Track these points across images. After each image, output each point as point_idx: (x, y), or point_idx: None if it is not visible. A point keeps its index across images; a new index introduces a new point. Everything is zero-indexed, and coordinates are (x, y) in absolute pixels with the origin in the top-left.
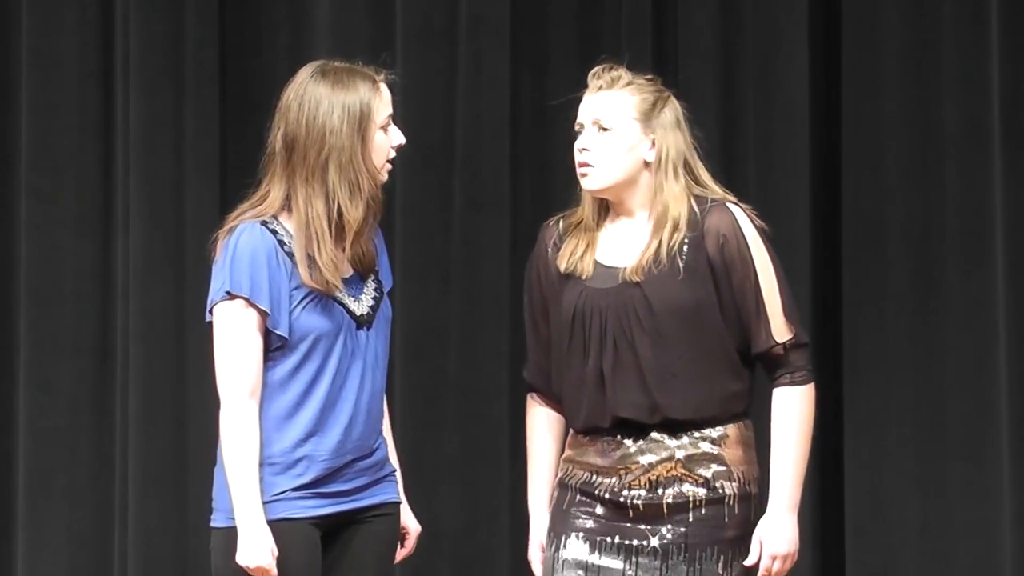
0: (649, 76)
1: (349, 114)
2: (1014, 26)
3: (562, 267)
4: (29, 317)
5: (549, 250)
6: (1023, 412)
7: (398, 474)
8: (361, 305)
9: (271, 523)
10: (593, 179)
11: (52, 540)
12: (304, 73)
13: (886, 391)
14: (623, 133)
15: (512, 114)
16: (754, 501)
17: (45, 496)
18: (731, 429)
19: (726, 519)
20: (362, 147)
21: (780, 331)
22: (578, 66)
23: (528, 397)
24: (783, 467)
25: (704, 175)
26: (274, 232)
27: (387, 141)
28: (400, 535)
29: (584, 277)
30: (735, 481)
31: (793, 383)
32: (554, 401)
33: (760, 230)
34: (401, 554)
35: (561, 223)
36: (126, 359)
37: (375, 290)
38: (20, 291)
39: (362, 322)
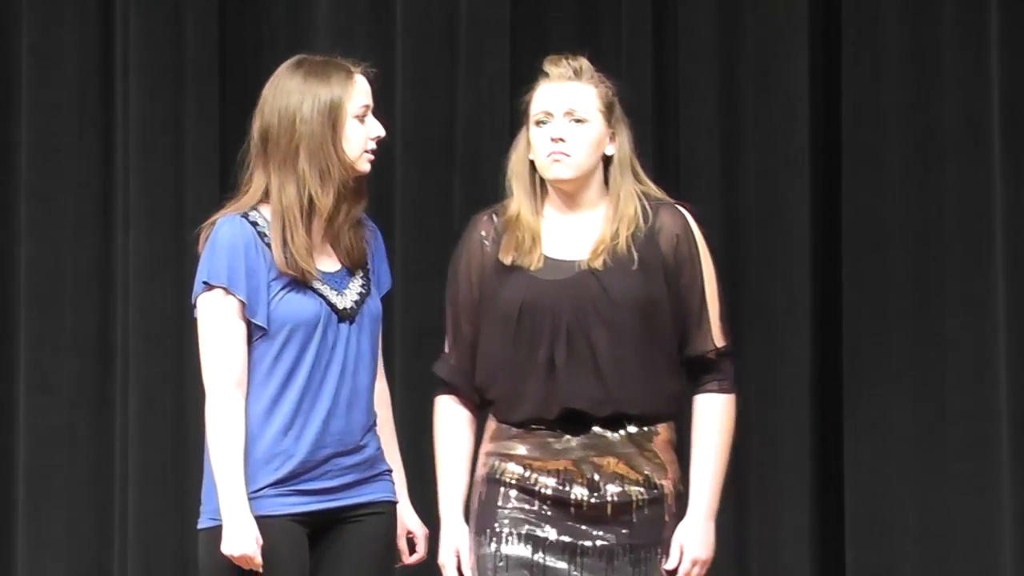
0: (597, 69)
1: (319, 103)
2: (1014, 26)
3: (507, 260)
4: (29, 317)
5: (485, 244)
6: (1023, 412)
7: (398, 475)
8: (344, 299)
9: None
10: (567, 168)
11: (52, 540)
12: (282, 67)
13: (886, 391)
14: (595, 126)
15: (512, 114)
16: (683, 500)
17: (45, 496)
18: (664, 429)
19: (665, 518)
20: (333, 135)
21: (717, 337)
22: None
23: (439, 396)
24: (705, 473)
25: (643, 174)
26: (254, 223)
27: (363, 131)
28: (408, 539)
29: (533, 269)
30: (670, 480)
31: (721, 390)
32: (469, 401)
33: (703, 235)
34: (414, 559)
35: (495, 217)
36: (126, 359)
37: (362, 286)
38: (20, 291)
39: (344, 316)
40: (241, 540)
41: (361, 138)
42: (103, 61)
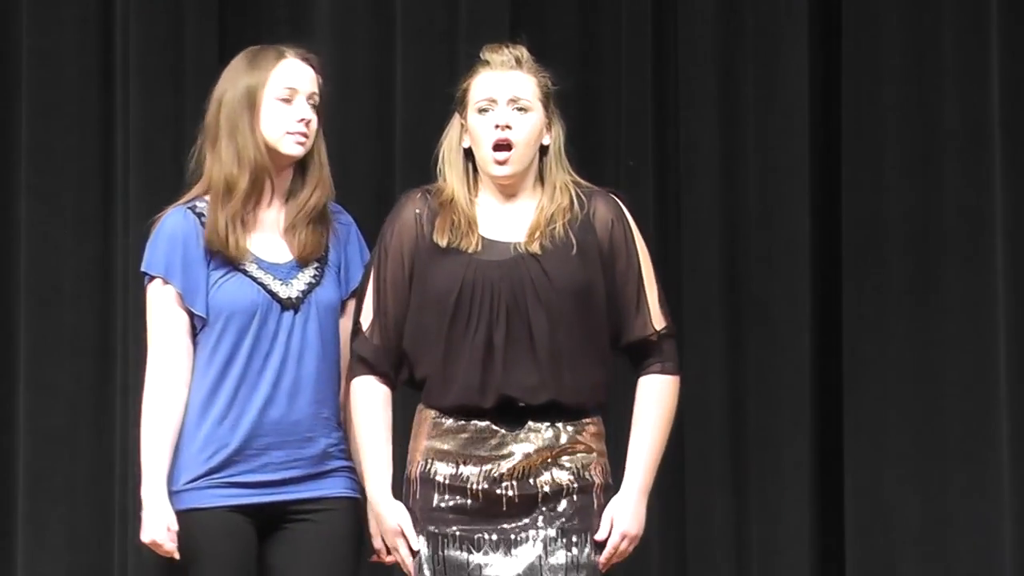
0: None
1: (239, 87)
2: (1014, 25)
3: (443, 242)
4: (29, 317)
5: (421, 222)
6: (1023, 412)
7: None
8: (290, 288)
9: (184, 512)
10: (510, 166)
11: (52, 540)
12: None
13: (886, 391)
14: (537, 115)
15: None
16: (611, 493)
17: (45, 496)
18: (595, 420)
19: (595, 507)
20: (249, 116)
21: (657, 319)
22: (578, 66)
23: (358, 376)
24: (642, 451)
25: (568, 164)
26: (200, 214)
27: (287, 113)
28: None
29: (471, 251)
30: (600, 470)
31: (664, 371)
32: (388, 381)
33: (634, 220)
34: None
35: (429, 197)
36: (126, 359)
37: (313, 277)
38: (20, 291)
39: (287, 305)
40: (152, 527)
41: (282, 120)
42: (103, 61)
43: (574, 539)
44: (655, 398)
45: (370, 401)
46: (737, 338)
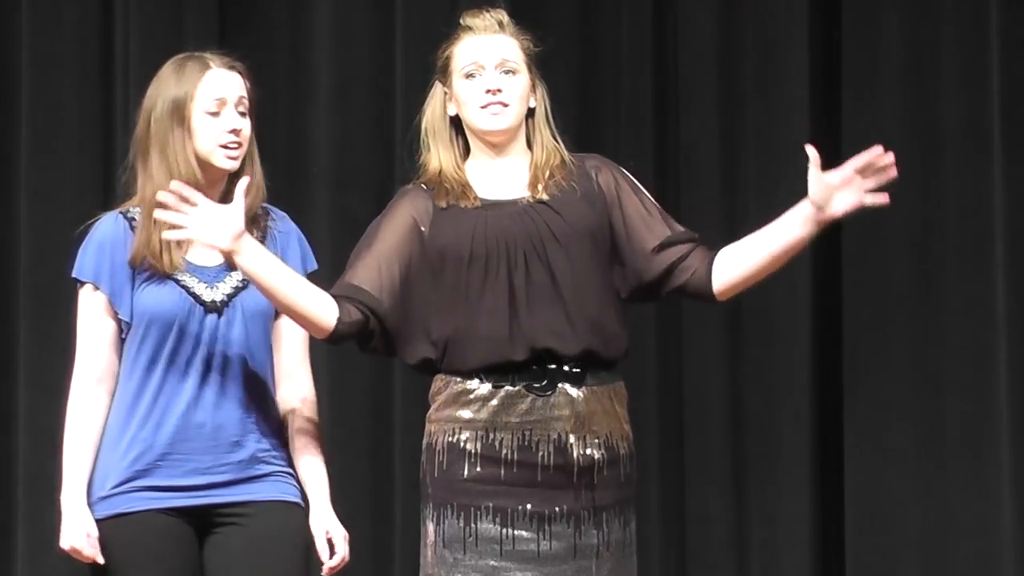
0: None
1: (167, 101)
2: (1014, 26)
3: (443, 204)
4: (29, 317)
5: (421, 202)
6: (1023, 412)
7: (314, 477)
8: (215, 292)
9: (110, 519)
10: (506, 118)
11: (52, 540)
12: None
13: (886, 391)
14: (524, 77)
15: None
16: (635, 461)
17: (45, 495)
18: (619, 384)
19: (623, 479)
20: (180, 131)
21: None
22: (578, 67)
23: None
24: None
25: (555, 130)
26: (131, 219)
27: (216, 125)
28: (328, 541)
29: (471, 208)
30: (626, 440)
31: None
32: (360, 309)
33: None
34: (334, 560)
35: (422, 185)
36: None
37: (242, 280)
38: (20, 291)
39: (211, 308)
40: (70, 534)
41: (213, 132)
42: (103, 61)
43: (604, 516)
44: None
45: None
46: (737, 338)
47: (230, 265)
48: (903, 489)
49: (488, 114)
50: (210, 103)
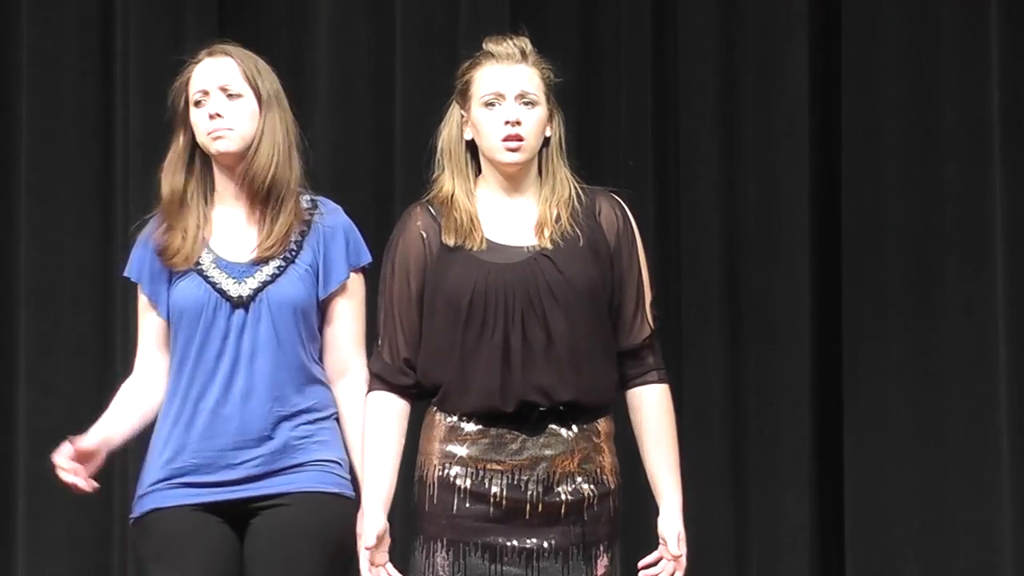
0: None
1: (176, 95)
2: (1014, 26)
3: (450, 242)
4: (29, 317)
5: (424, 236)
6: (1023, 412)
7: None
8: (242, 287)
9: (147, 515)
10: (523, 152)
11: (52, 540)
12: None
13: (886, 391)
14: (543, 109)
15: None
16: (622, 494)
17: (45, 496)
18: (605, 422)
19: (611, 513)
20: (183, 127)
21: (647, 326)
22: (578, 67)
23: (372, 391)
24: (669, 461)
25: (566, 158)
26: None
27: (201, 115)
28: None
29: (476, 251)
30: (613, 475)
31: (660, 380)
32: (404, 395)
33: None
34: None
35: (431, 208)
36: (126, 359)
37: (271, 275)
38: (20, 291)
39: (238, 303)
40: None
41: (200, 124)
42: (103, 61)
43: (593, 551)
44: (661, 407)
45: (379, 414)
46: (737, 338)
47: (260, 259)
48: (903, 489)
49: (505, 147)
50: (195, 95)
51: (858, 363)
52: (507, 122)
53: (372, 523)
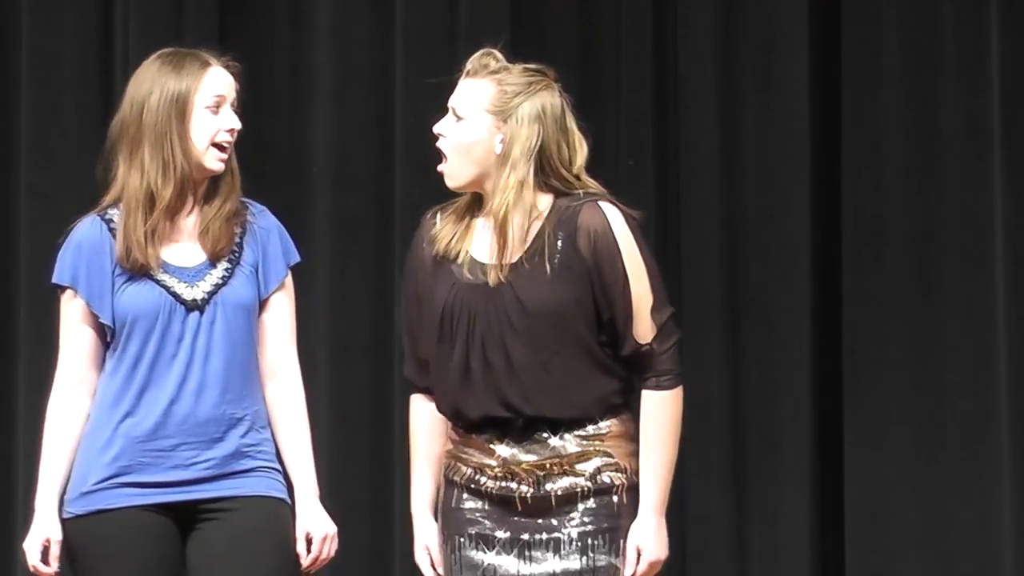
0: (532, 67)
1: (167, 93)
2: (1014, 26)
3: (438, 251)
4: (29, 317)
5: (424, 245)
6: (1023, 412)
7: (300, 474)
8: (195, 290)
9: (91, 515)
10: (447, 166)
11: None
12: (147, 59)
13: (886, 391)
14: (473, 124)
15: None
16: (631, 491)
17: None
18: (613, 423)
19: (616, 508)
20: (178, 126)
21: (647, 332)
22: (578, 66)
23: (412, 395)
24: (651, 471)
25: (576, 169)
26: (109, 220)
27: (214, 123)
28: (307, 539)
29: (456, 265)
30: (622, 472)
31: (658, 387)
32: (431, 393)
33: (633, 226)
34: (308, 559)
35: (439, 215)
36: None
37: (221, 277)
38: (20, 291)
39: (192, 306)
40: (31, 538)
41: (210, 130)
42: (103, 61)
43: (590, 542)
44: (654, 415)
45: (416, 420)
46: (737, 338)
47: (212, 260)
48: (903, 489)
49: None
50: (210, 99)
51: (858, 363)
52: (436, 133)
53: (424, 531)
